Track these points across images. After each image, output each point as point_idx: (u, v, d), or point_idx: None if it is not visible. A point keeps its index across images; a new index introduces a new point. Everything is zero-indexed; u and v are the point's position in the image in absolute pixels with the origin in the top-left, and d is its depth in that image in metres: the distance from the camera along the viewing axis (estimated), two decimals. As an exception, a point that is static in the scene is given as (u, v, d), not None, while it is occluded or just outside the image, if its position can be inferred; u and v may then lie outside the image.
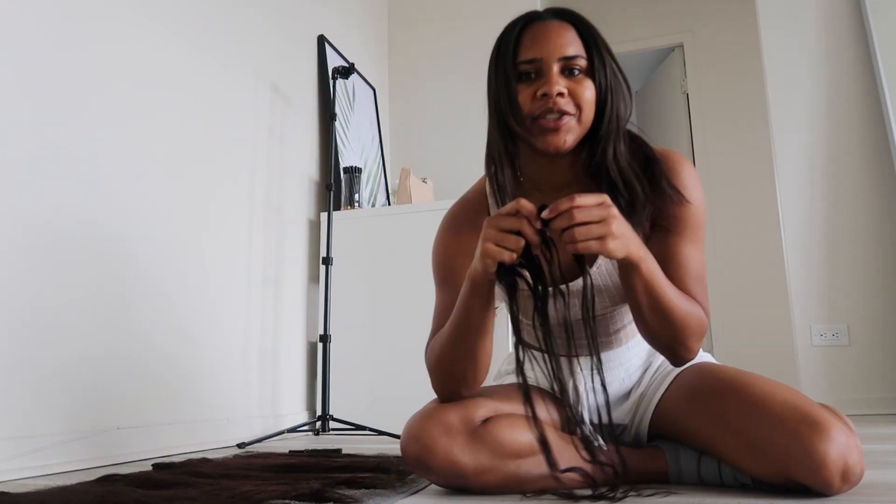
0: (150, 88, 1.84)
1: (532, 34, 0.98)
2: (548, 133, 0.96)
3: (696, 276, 1.00)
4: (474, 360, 0.99)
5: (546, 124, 0.96)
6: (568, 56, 0.96)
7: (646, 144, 1.04)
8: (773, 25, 2.96)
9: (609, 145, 0.98)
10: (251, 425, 2.14)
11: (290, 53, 2.61)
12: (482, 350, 0.98)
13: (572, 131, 0.96)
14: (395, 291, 2.48)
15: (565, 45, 0.96)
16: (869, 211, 2.71)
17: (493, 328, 0.98)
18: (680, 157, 1.04)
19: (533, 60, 0.97)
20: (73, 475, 1.36)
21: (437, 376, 1.03)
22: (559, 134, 0.96)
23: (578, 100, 0.96)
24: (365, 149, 3.04)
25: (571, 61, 0.96)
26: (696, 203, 1.01)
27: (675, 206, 1.00)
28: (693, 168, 1.04)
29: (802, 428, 0.86)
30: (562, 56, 0.96)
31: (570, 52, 0.96)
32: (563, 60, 0.96)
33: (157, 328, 1.79)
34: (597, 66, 0.97)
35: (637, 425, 1.12)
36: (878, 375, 2.60)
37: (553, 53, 0.96)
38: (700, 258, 1.02)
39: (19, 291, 1.41)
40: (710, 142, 4.08)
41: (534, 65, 0.97)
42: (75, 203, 1.57)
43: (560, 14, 1.00)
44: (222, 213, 2.11)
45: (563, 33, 0.97)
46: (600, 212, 0.84)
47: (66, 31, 1.58)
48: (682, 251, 1.00)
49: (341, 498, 0.96)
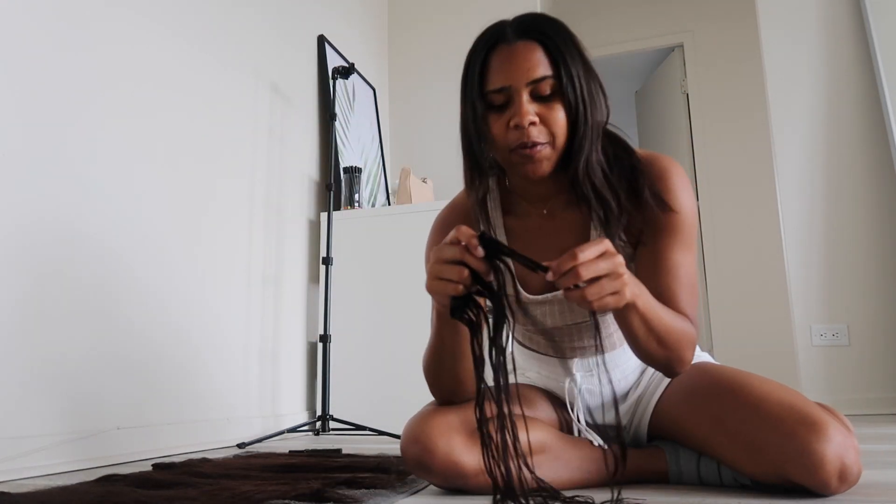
0: (149, 88, 1.83)
1: (499, 60, 0.95)
2: (525, 162, 0.95)
3: (686, 283, 1.00)
4: (456, 378, 1.00)
5: (523, 154, 0.95)
6: (536, 79, 0.93)
7: (632, 153, 1.02)
8: (773, 25, 2.96)
9: (580, 162, 0.96)
10: (251, 425, 2.14)
11: (290, 53, 2.61)
12: (462, 370, 0.99)
13: (548, 158, 0.96)
14: (395, 291, 2.48)
15: (532, 69, 0.93)
16: (869, 211, 2.71)
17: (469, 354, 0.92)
18: (667, 161, 1.03)
19: (502, 89, 0.94)
20: (73, 475, 1.36)
21: (430, 386, 1.06)
22: (535, 163, 0.95)
23: (551, 126, 0.94)
24: (365, 149, 3.04)
25: (540, 84, 0.93)
26: (686, 209, 1.00)
27: (663, 214, 0.99)
28: (682, 172, 1.02)
29: (799, 428, 0.86)
30: (529, 80, 0.93)
31: (537, 75, 0.93)
32: (532, 84, 0.93)
33: (156, 328, 1.79)
34: (565, 84, 0.94)
35: (636, 426, 1.12)
36: (877, 375, 2.60)
37: (521, 79, 0.93)
38: (690, 264, 1.01)
39: (18, 291, 1.41)
40: (710, 142, 4.08)
41: (503, 93, 0.95)
42: (75, 203, 1.57)
43: (525, 31, 0.96)
44: (222, 212, 2.11)
45: (529, 56, 0.94)
46: (607, 264, 0.81)
47: (66, 31, 1.58)
48: (672, 258, 0.99)
49: (341, 498, 0.96)
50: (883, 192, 2.71)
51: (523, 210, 1.08)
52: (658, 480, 1.06)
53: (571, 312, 1.07)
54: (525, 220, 1.08)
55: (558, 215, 1.06)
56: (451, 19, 3.49)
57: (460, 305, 0.83)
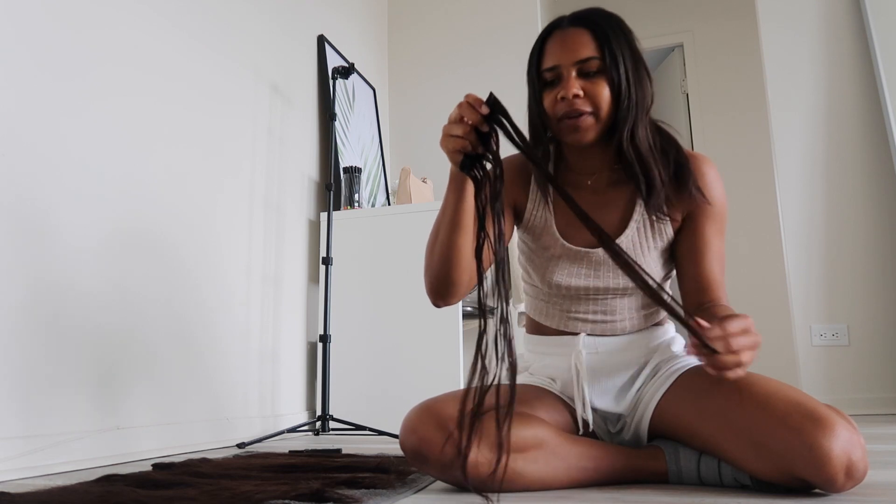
0: (150, 89, 1.84)
1: (552, 43, 1.09)
2: (571, 131, 1.07)
3: (720, 261, 1.15)
4: (454, 253, 1.06)
5: (569, 124, 1.07)
6: (581, 59, 1.05)
7: (678, 147, 1.13)
8: (773, 26, 2.96)
9: (626, 131, 1.07)
10: (251, 425, 2.14)
11: (289, 53, 2.61)
12: (459, 244, 1.05)
13: (591, 128, 1.07)
14: (395, 291, 2.48)
15: (579, 50, 1.06)
16: (869, 211, 2.71)
17: (469, 226, 1.04)
18: (704, 158, 1.16)
19: (552, 68, 1.07)
20: (73, 475, 1.36)
21: (426, 275, 1.11)
22: (580, 131, 1.07)
23: (594, 99, 1.06)
24: (365, 149, 3.04)
25: (586, 64, 1.05)
26: (721, 201, 1.14)
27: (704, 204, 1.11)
28: (716, 168, 1.16)
29: (806, 424, 0.87)
30: (576, 60, 1.05)
31: (583, 55, 1.05)
32: (578, 64, 1.05)
33: (156, 328, 1.79)
34: (609, 64, 1.05)
35: (637, 424, 1.12)
36: (878, 375, 2.60)
37: (568, 59, 1.06)
38: (722, 246, 1.16)
39: (18, 292, 1.41)
40: (710, 141, 4.08)
41: (554, 72, 1.08)
42: (76, 202, 1.57)
43: (577, 19, 1.09)
44: (222, 212, 2.11)
45: (577, 39, 1.06)
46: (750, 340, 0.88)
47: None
48: (711, 240, 1.14)
49: (341, 498, 0.96)
50: (883, 193, 2.71)
51: (573, 182, 1.18)
52: (658, 480, 1.06)
53: (597, 278, 1.14)
54: (574, 192, 1.16)
55: (605, 191, 1.16)
56: (451, 19, 3.49)
57: (469, 163, 0.95)
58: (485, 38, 3.39)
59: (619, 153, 1.10)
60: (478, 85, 3.35)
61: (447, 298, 1.11)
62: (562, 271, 1.15)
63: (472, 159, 0.95)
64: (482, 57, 3.38)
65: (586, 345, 1.16)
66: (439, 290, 1.10)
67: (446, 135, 0.95)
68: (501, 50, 3.33)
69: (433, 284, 1.10)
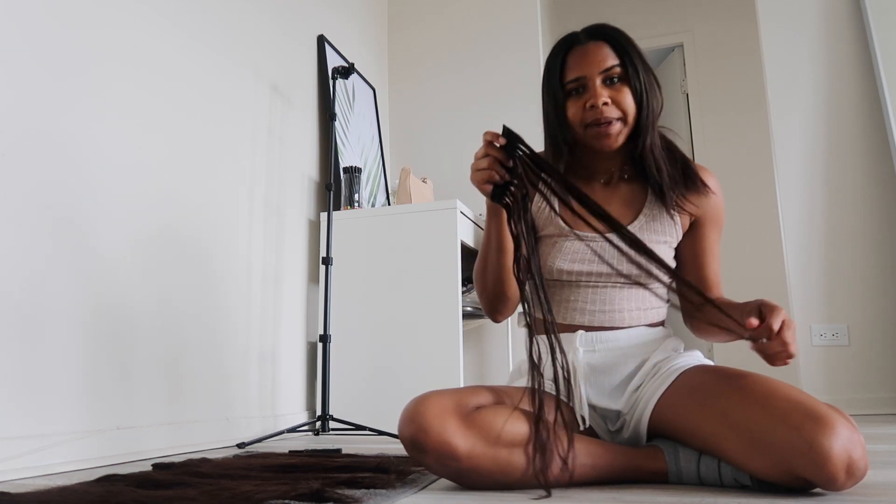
0: (149, 90, 1.84)
1: (574, 57, 1.16)
2: (601, 138, 1.14)
3: (718, 261, 1.27)
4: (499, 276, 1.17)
5: (598, 131, 1.13)
6: (606, 68, 1.13)
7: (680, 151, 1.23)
8: (772, 25, 2.96)
9: (647, 137, 1.16)
10: (251, 425, 2.14)
11: (289, 53, 2.61)
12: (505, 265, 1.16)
13: (620, 133, 1.15)
14: (395, 291, 2.48)
15: (603, 60, 1.14)
16: (869, 211, 2.72)
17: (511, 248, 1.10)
18: (704, 168, 1.24)
19: (578, 79, 1.15)
20: (73, 475, 1.36)
21: (481, 296, 1.23)
22: (610, 137, 1.14)
23: (621, 105, 1.13)
24: (365, 149, 3.04)
25: (610, 71, 1.13)
26: (720, 202, 1.24)
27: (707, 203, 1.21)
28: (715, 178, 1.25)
29: (807, 423, 0.87)
30: (601, 70, 1.13)
31: (607, 65, 1.13)
32: (603, 73, 1.13)
33: (156, 328, 1.79)
34: (631, 73, 1.14)
35: (636, 422, 1.12)
36: (878, 375, 2.60)
37: (594, 69, 1.13)
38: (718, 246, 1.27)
39: (17, 290, 1.41)
40: (710, 142, 4.08)
41: (579, 82, 1.15)
42: (75, 202, 1.57)
43: (594, 33, 1.17)
44: (221, 212, 2.11)
45: (598, 51, 1.15)
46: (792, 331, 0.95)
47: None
48: (713, 245, 1.25)
49: (341, 498, 0.96)
50: (883, 192, 2.71)
51: (586, 179, 1.25)
52: (657, 480, 1.06)
53: (600, 263, 1.18)
54: (587, 189, 1.23)
55: (616, 188, 1.23)
56: (451, 19, 3.49)
57: (499, 192, 1.04)
58: (485, 38, 3.39)
59: (633, 155, 1.19)
60: (478, 85, 3.35)
61: (504, 313, 1.24)
62: (564, 256, 1.19)
63: (501, 189, 1.04)
64: (482, 57, 3.38)
65: (584, 342, 1.17)
66: (497, 307, 1.22)
67: (474, 170, 1.04)
68: (501, 50, 3.33)
69: (491, 303, 1.22)
